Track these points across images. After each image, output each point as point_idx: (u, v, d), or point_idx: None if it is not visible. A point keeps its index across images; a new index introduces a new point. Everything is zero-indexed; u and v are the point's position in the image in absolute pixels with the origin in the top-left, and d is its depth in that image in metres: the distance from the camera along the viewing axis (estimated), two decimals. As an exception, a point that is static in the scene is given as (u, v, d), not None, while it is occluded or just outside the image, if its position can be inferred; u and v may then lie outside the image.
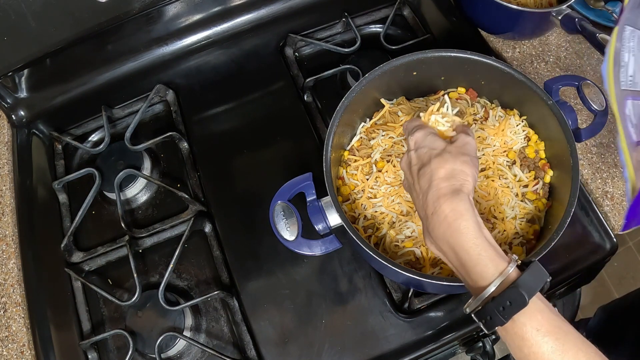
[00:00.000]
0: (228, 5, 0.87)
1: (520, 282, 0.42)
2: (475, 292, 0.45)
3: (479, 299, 0.44)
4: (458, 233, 0.45)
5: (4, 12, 0.70)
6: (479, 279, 0.44)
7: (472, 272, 0.45)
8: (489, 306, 0.43)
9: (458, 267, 0.46)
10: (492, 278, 0.44)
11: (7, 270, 0.76)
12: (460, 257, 0.45)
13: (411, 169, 0.52)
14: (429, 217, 0.47)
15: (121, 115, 0.85)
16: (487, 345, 0.69)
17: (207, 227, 0.74)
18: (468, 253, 0.45)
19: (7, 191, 0.82)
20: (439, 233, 0.46)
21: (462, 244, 0.45)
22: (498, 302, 0.42)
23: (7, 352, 0.70)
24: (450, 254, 0.46)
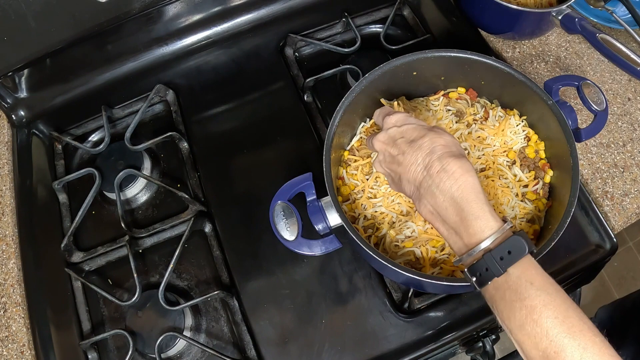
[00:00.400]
0: (228, 5, 0.87)
1: (520, 233, 0.45)
2: (468, 246, 0.46)
3: (476, 249, 0.45)
4: (466, 186, 0.47)
5: (4, 12, 0.70)
6: (478, 232, 0.46)
7: (472, 224, 0.46)
8: (487, 256, 0.44)
9: (456, 222, 0.47)
10: (492, 229, 0.45)
11: (7, 270, 0.76)
12: (463, 209, 0.46)
13: (396, 142, 0.53)
14: (433, 175, 0.48)
15: (121, 115, 0.85)
16: (487, 345, 0.69)
17: (207, 227, 0.74)
18: (471, 206, 0.46)
19: (7, 191, 0.82)
20: (444, 187, 0.47)
21: (468, 197, 0.46)
22: (497, 251, 0.44)
23: (7, 352, 0.70)
24: (451, 209, 0.47)
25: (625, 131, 0.78)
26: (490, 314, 0.65)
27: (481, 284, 0.45)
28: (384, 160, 0.55)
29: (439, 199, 0.48)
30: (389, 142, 0.54)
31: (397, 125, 0.54)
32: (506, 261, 0.44)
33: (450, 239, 0.48)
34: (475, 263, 0.45)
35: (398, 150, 0.53)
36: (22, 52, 0.76)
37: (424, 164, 0.49)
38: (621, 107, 0.80)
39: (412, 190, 0.51)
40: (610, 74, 0.83)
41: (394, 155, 0.53)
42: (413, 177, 0.50)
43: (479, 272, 0.45)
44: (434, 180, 0.48)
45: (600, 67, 0.84)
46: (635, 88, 0.82)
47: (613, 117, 0.79)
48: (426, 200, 0.49)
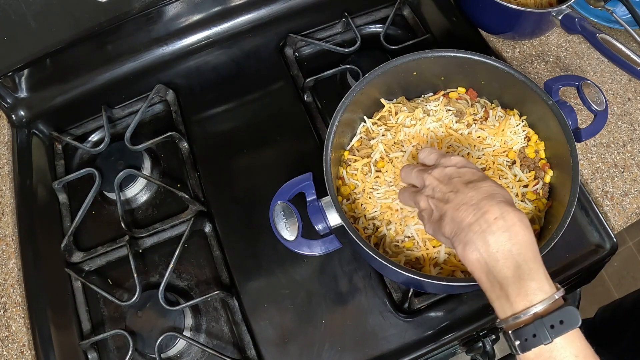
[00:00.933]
0: (228, 5, 0.87)
1: (571, 303, 0.43)
2: (516, 307, 0.43)
3: (526, 312, 0.43)
4: (524, 242, 0.44)
5: (4, 12, 0.70)
6: (530, 293, 0.43)
7: (526, 285, 0.43)
8: (537, 322, 0.42)
9: (506, 278, 0.44)
10: (546, 294, 0.43)
11: (7, 270, 0.76)
12: (519, 267, 0.44)
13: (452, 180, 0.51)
14: (489, 221, 0.45)
15: (121, 115, 0.85)
16: (487, 345, 0.69)
17: (207, 227, 0.74)
18: (529, 265, 0.44)
19: (7, 191, 0.82)
20: (500, 238, 0.44)
21: (526, 254, 0.44)
22: (550, 319, 0.42)
23: (7, 352, 0.70)
24: (504, 263, 0.44)
25: (625, 131, 0.78)
26: (489, 314, 0.66)
27: (524, 349, 0.43)
28: (432, 196, 0.51)
29: (491, 248, 0.44)
30: (444, 179, 0.51)
31: (456, 166, 0.52)
32: (556, 330, 0.41)
33: (494, 293, 0.45)
34: (523, 327, 0.43)
35: (451, 187, 0.50)
36: (22, 52, 0.76)
37: (479, 206, 0.46)
38: (621, 107, 0.80)
39: (455, 232, 0.47)
40: (610, 74, 0.83)
41: (445, 192, 0.50)
42: (462, 217, 0.47)
43: (525, 337, 0.42)
44: (489, 226, 0.45)
45: (600, 67, 0.84)
46: (635, 88, 0.82)
47: (613, 117, 0.79)
48: (475, 245, 0.45)
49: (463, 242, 0.46)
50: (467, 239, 0.46)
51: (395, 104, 0.69)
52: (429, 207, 0.52)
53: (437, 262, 0.60)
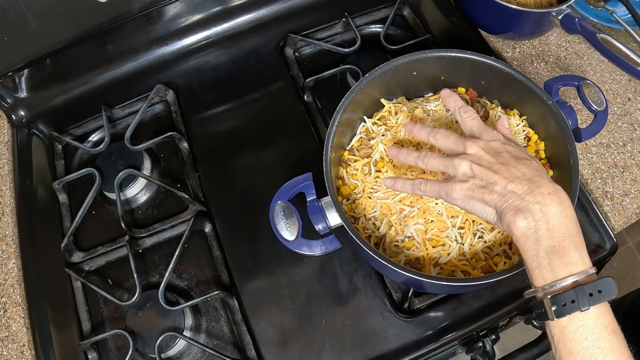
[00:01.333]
0: (228, 5, 0.87)
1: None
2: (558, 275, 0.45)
3: (568, 279, 0.45)
4: (573, 218, 0.47)
5: (4, 12, 0.70)
6: (572, 262, 0.45)
7: (570, 254, 0.46)
8: (578, 289, 0.44)
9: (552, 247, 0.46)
10: (586, 265, 0.45)
11: (7, 270, 0.76)
12: (565, 238, 0.46)
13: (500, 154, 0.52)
14: (544, 194, 0.48)
15: (121, 115, 0.85)
16: (487, 345, 0.69)
17: (207, 227, 0.74)
18: (574, 238, 0.46)
19: (7, 191, 0.82)
20: (553, 211, 0.47)
21: (572, 228, 0.47)
22: (590, 286, 0.44)
23: (7, 352, 0.70)
24: (553, 234, 0.46)
25: (625, 131, 0.78)
26: (489, 314, 0.66)
27: (560, 314, 0.45)
28: (477, 162, 0.52)
29: (544, 218, 0.47)
30: (490, 151, 0.52)
31: (501, 141, 0.53)
32: (595, 298, 0.44)
33: (535, 261, 0.47)
34: (562, 293, 0.45)
35: (501, 160, 0.51)
36: (22, 52, 0.76)
37: (533, 181, 0.49)
38: (621, 107, 0.80)
39: (505, 200, 0.49)
40: (610, 74, 0.83)
41: (493, 163, 0.51)
42: (514, 188, 0.49)
43: (563, 302, 0.44)
44: (544, 198, 0.47)
45: (600, 67, 0.84)
46: (635, 88, 0.82)
47: (613, 117, 0.79)
48: (528, 214, 0.47)
49: (515, 209, 0.48)
50: (520, 207, 0.48)
51: (395, 104, 0.69)
52: (470, 172, 0.52)
53: (437, 262, 0.60)
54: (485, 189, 0.51)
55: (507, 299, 0.66)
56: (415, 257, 0.60)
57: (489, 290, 0.67)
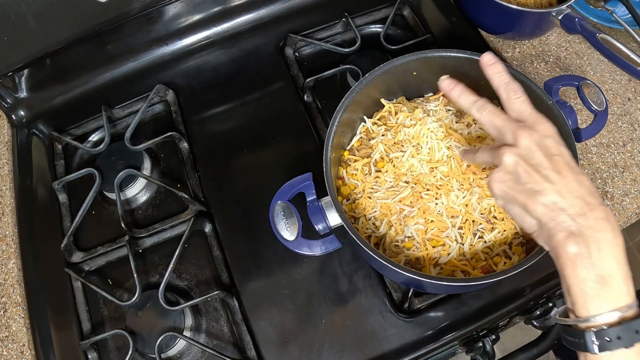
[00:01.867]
0: (228, 5, 0.87)
1: None
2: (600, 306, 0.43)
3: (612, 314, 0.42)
4: (622, 246, 0.44)
5: (4, 12, 0.70)
6: (619, 297, 0.43)
7: (618, 287, 0.43)
8: (625, 325, 0.42)
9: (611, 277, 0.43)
10: (632, 300, 0.43)
11: (7, 270, 0.76)
12: (621, 269, 0.43)
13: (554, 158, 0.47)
14: (598, 219, 0.44)
15: (121, 115, 0.86)
16: (487, 345, 0.69)
17: (207, 227, 0.74)
18: (624, 268, 0.44)
19: (7, 191, 0.82)
20: (607, 237, 0.43)
21: (622, 258, 0.44)
22: (637, 324, 0.42)
23: (7, 352, 0.70)
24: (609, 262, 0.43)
25: (625, 131, 0.78)
26: (489, 314, 0.66)
27: (603, 349, 0.42)
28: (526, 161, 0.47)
29: (593, 247, 0.43)
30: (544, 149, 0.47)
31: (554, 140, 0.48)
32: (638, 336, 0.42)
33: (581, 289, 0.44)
34: (608, 328, 0.42)
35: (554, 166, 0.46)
36: (22, 52, 0.76)
37: (587, 201, 0.44)
38: (621, 107, 0.80)
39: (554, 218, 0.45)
40: (610, 74, 0.83)
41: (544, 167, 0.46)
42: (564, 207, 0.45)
43: (609, 337, 0.42)
44: (597, 223, 0.44)
45: (600, 67, 0.84)
46: (635, 88, 0.82)
47: (613, 117, 0.79)
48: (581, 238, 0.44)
49: (567, 231, 0.44)
50: (573, 230, 0.44)
51: (395, 104, 0.69)
52: (514, 170, 0.47)
53: (437, 262, 0.60)
54: (529, 195, 0.46)
55: (507, 299, 0.66)
56: (415, 257, 0.60)
57: (489, 290, 0.67)
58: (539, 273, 0.67)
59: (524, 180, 0.46)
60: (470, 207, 0.60)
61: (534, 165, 0.46)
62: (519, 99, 0.51)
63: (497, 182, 0.48)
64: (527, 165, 0.46)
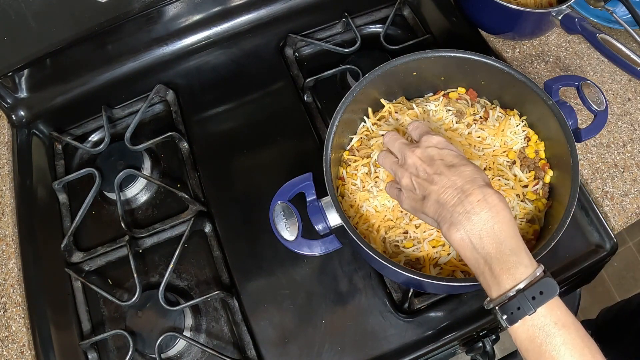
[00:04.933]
0: (228, 5, 0.87)
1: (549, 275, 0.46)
2: (501, 283, 0.46)
3: (508, 288, 0.46)
4: (505, 220, 0.47)
5: (4, 12, 0.70)
6: (512, 269, 0.46)
7: (509, 259, 0.46)
8: (520, 296, 0.45)
9: (490, 254, 0.47)
10: (528, 269, 0.46)
11: (7, 270, 0.76)
12: (501, 243, 0.47)
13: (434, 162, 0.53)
14: (473, 202, 0.48)
15: (121, 115, 0.85)
16: (487, 345, 0.69)
17: (207, 227, 0.74)
18: (510, 241, 0.47)
19: (7, 191, 0.82)
20: (484, 217, 0.47)
21: (508, 231, 0.47)
22: (531, 291, 0.45)
23: (7, 352, 0.70)
24: (487, 240, 0.47)
25: (625, 131, 0.78)
26: (489, 314, 0.65)
27: (511, 321, 0.46)
28: (415, 174, 0.53)
29: (475, 227, 0.47)
30: (427, 159, 0.53)
31: (437, 147, 0.54)
32: (538, 300, 0.45)
33: (478, 269, 0.48)
34: (508, 301, 0.46)
35: (435, 169, 0.52)
36: (22, 52, 0.76)
37: (463, 189, 0.49)
38: (621, 107, 0.80)
39: (440, 212, 0.50)
40: (610, 74, 0.83)
41: (429, 173, 0.52)
42: (446, 199, 0.50)
43: (511, 310, 0.45)
44: (473, 207, 0.48)
45: (600, 67, 0.84)
46: (635, 88, 0.82)
47: (613, 117, 0.79)
48: (460, 225, 0.48)
49: (448, 222, 0.49)
50: (452, 220, 0.49)
51: (395, 104, 0.69)
52: (411, 185, 0.54)
53: (437, 262, 0.60)
54: (423, 202, 0.52)
55: (507, 299, 0.66)
56: (415, 257, 0.60)
57: (489, 290, 0.67)
58: (539, 273, 0.67)
59: (417, 191, 0.53)
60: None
61: (421, 176, 0.53)
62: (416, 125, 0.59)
63: (406, 200, 0.55)
64: (416, 178, 0.53)
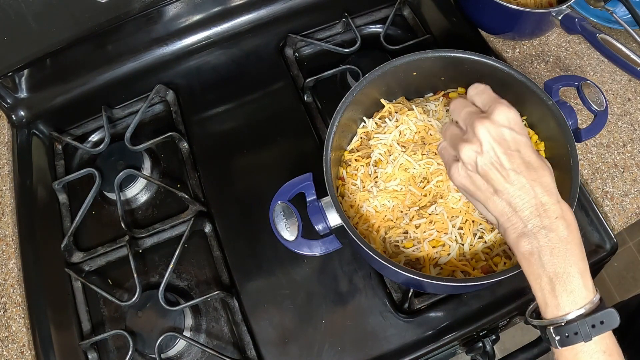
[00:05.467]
0: (228, 5, 0.87)
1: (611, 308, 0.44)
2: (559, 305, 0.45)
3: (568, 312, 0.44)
4: (578, 242, 0.46)
5: (4, 12, 0.70)
6: (575, 292, 0.44)
7: (571, 283, 0.44)
8: (581, 322, 0.44)
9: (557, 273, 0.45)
10: (590, 295, 0.44)
11: (7, 270, 0.76)
12: (570, 266, 0.45)
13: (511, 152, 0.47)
14: (552, 219, 0.45)
15: (121, 115, 0.85)
16: (487, 346, 0.69)
17: (207, 227, 0.74)
18: (579, 265, 0.45)
19: (7, 191, 0.82)
20: (559, 236, 0.45)
21: (578, 254, 0.45)
22: (593, 319, 0.44)
23: (7, 352, 0.70)
24: (557, 260, 0.45)
25: (625, 131, 0.78)
26: (489, 314, 0.66)
27: (563, 344, 0.44)
28: (486, 157, 0.47)
29: (548, 244, 0.45)
30: (501, 142, 0.47)
31: (513, 129, 0.47)
32: (597, 329, 0.44)
33: (538, 285, 0.46)
34: (565, 325, 0.44)
35: (512, 164, 0.47)
36: (22, 52, 0.76)
37: (542, 202, 0.46)
38: (621, 107, 0.80)
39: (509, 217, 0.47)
40: (610, 74, 0.83)
41: (502, 164, 0.47)
42: (522, 207, 0.46)
43: (567, 333, 0.44)
44: (551, 223, 0.45)
45: (600, 67, 0.84)
46: (635, 88, 0.82)
47: (613, 117, 0.79)
48: (532, 238, 0.46)
49: (519, 231, 0.46)
50: (525, 230, 0.46)
51: (395, 104, 0.69)
52: (474, 164, 0.48)
53: (437, 262, 0.60)
54: (489, 194, 0.48)
55: (507, 299, 0.66)
56: (415, 257, 0.60)
57: (489, 290, 0.67)
58: (539, 273, 0.67)
59: (484, 178, 0.48)
60: (470, 208, 0.60)
61: (492, 163, 0.47)
62: (480, 90, 0.51)
63: (457, 175, 0.49)
64: (488, 165, 0.47)
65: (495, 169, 0.47)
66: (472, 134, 0.48)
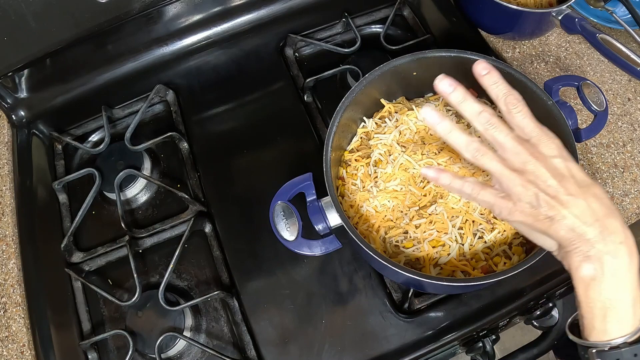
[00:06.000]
0: (228, 5, 0.87)
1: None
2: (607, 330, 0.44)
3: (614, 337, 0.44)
4: (635, 269, 0.45)
5: (4, 12, 0.70)
6: (624, 319, 0.44)
7: (622, 309, 0.44)
8: (625, 350, 0.43)
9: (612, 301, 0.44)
10: (636, 323, 0.44)
11: (7, 270, 0.76)
12: (625, 293, 0.44)
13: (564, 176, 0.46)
14: (617, 244, 0.44)
15: (121, 115, 0.86)
16: (487, 346, 0.69)
17: (207, 227, 0.74)
18: (633, 292, 0.44)
19: (7, 191, 0.82)
20: (623, 262, 0.44)
21: (635, 281, 0.44)
22: (636, 348, 0.43)
23: (7, 352, 0.70)
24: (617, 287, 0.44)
25: (625, 131, 0.78)
26: (489, 314, 0.66)
27: None
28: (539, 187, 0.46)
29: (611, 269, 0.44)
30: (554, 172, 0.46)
31: (562, 156, 0.47)
32: (638, 358, 0.43)
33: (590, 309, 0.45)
34: (609, 350, 0.44)
35: (567, 188, 0.45)
36: (22, 52, 0.76)
37: (605, 225, 0.45)
38: (621, 107, 0.80)
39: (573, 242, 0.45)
40: (610, 74, 0.83)
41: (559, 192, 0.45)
42: (585, 231, 0.44)
43: (609, 358, 0.44)
44: (616, 248, 0.44)
45: (600, 67, 0.84)
46: (635, 88, 0.82)
47: (613, 117, 0.79)
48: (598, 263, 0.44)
49: (583, 255, 0.45)
50: (590, 254, 0.44)
51: (395, 104, 0.69)
52: (534, 199, 0.46)
53: (437, 262, 0.60)
54: (549, 223, 0.46)
55: (507, 299, 0.66)
56: (415, 257, 0.60)
57: (489, 290, 0.67)
58: (538, 273, 0.67)
59: (545, 209, 0.46)
60: (470, 208, 0.60)
61: (547, 192, 0.46)
62: (520, 112, 0.50)
63: (521, 215, 0.47)
64: (545, 195, 0.46)
65: (555, 200, 0.46)
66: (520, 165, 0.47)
